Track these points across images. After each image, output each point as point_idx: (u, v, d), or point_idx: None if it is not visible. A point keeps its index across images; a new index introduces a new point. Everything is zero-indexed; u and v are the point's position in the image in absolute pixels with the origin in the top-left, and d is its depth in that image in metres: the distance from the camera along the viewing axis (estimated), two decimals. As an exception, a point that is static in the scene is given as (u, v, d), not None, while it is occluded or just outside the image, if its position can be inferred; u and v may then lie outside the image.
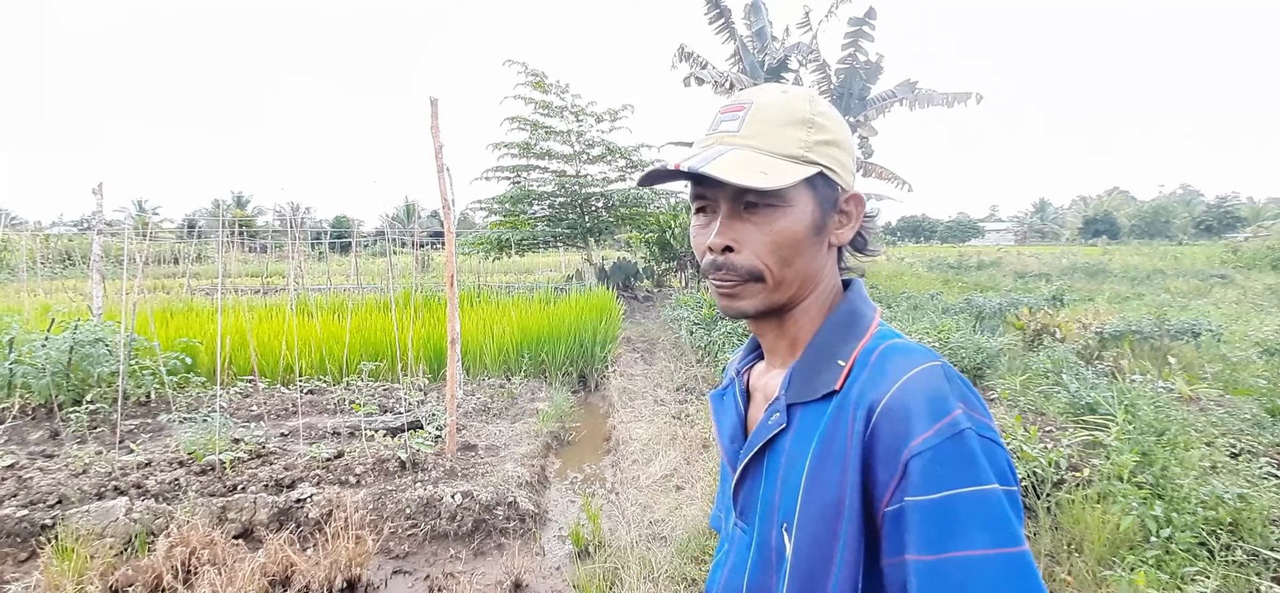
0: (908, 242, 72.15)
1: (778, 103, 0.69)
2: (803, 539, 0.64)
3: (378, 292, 11.36)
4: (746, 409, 0.79)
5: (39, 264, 14.24)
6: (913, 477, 0.57)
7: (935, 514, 0.55)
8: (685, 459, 4.29)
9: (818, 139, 0.68)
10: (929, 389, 0.60)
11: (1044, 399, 4.62)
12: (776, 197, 0.67)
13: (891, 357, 0.65)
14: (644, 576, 2.75)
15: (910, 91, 14.60)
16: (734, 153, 0.66)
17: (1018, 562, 0.54)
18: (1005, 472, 0.58)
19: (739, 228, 0.68)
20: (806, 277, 0.71)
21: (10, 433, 4.81)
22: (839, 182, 0.70)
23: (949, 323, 7.05)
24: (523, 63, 14.34)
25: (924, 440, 0.57)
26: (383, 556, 3.24)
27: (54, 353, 5.16)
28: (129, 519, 3.33)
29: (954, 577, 0.54)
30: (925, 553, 0.55)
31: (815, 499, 0.63)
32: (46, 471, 3.94)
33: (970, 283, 16.39)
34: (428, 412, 5.21)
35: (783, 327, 0.74)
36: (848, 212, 0.73)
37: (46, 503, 3.52)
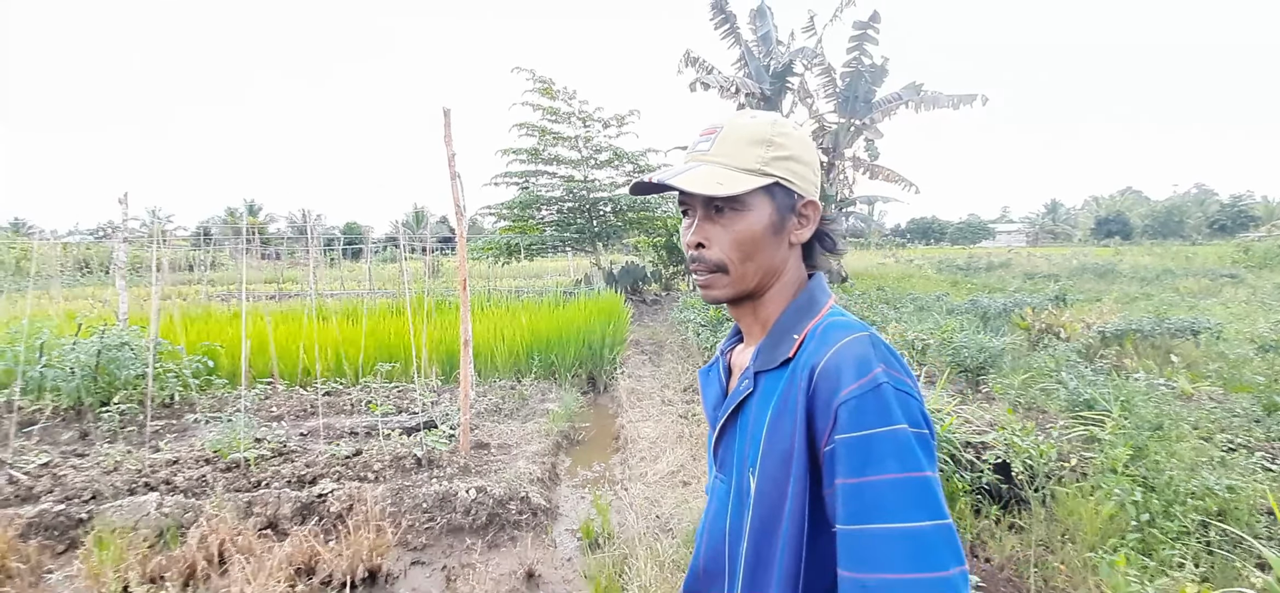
0: (917, 244, 71.82)
1: (743, 126, 0.84)
2: (764, 478, 0.79)
3: (390, 296, 11.56)
4: (728, 382, 0.94)
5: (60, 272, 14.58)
6: (841, 420, 0.71)
7: (857, 448, 0.69)
8: (691, 456, 4.41)
9: (775, 155, 0.82)
10: (856, 353, 0.74)
11: (1044, 396, 4.70)
12: (736, 202, 0.82)
13: (832, 330, 0.79)
14: (651, 563, 2.87)
15: (915, 94, 14.67)
16: (702, 168, 0.82)
17: (920, 483, 0.68)
18: (916, 417, 0.71)
19: (709, 228, 0.84)
20: (767, 270, 0.85)
21: (42, 433, 5.01)
22: (796, 190, 0.84)
23: (953, 323, 7.13)
24: (531, 70, 14.54)
25: (849, 392, 0.71)
26: (401, 547, 3.37)
27: (82, 357, 5.35)
28: (160, 514, 3.49)
29: (869, 494, 0.68)
30: (849, 477, 0.70)
31: (773, 446, 0.78)
32: (79, 468, 4.12)
33: (978, 284, 16.39)
34: (441, 412, 5.36)
35: (756, 312, 0.88)
36: (805, 215, 0.86)
37: (81, 498, 3.69)
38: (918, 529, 0.66)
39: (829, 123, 15.97)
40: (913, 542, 0.66)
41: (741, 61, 15.54)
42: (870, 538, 0.67)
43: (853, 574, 0.68)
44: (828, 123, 16.02)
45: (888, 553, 0.66)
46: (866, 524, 0.68)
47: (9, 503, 3.65)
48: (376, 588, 3.03)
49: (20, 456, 4.35)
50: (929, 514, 0.67)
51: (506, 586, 2.98)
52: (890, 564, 0.66)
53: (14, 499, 3.72)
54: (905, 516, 0.66)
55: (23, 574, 3.02)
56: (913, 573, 0.65)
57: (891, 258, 34.38)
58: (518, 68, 14.54)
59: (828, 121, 16.02)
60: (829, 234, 0.90)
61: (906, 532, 0.66)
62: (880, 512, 0.67)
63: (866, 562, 0.67)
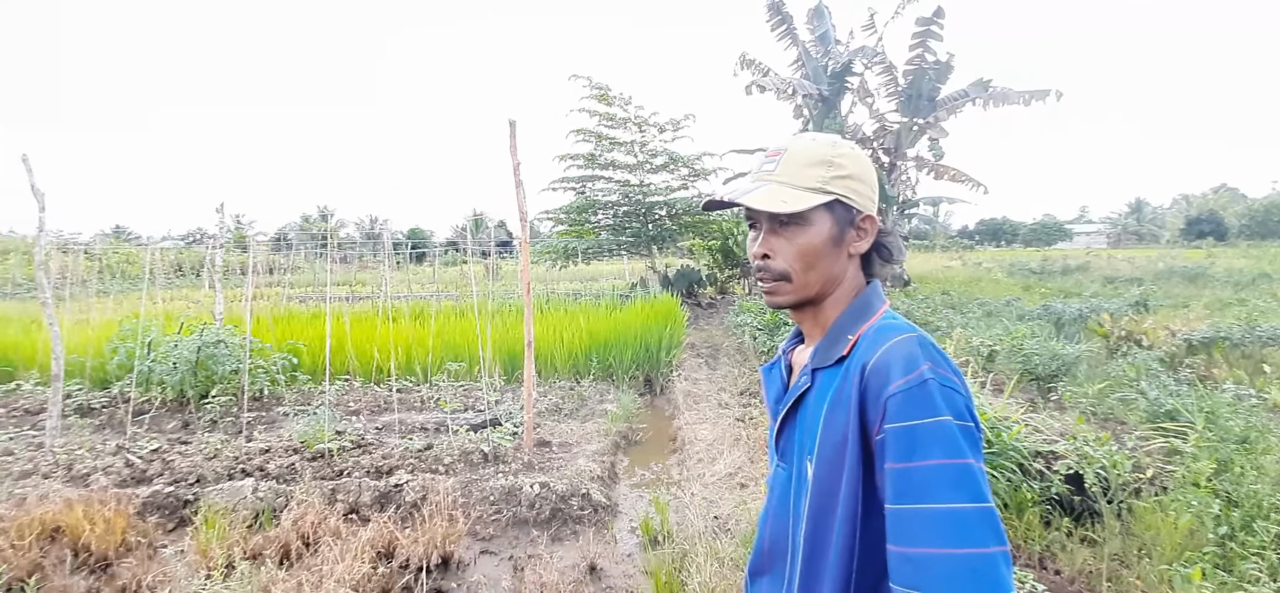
0: (986, 245, 68.69)
1: (805, 148, 0.93)
2: (820, 465, 0.87)
3: (453, 298, 12.02)
4: (788, 379, 1.03)
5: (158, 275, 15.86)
6: (889, 412, 0.79)
7: (904, 436, 0.77)
8: (749, 459, 4.44)
9: (835, 174, 0.91)
10: (905, 352, 0.81)
11: (1122, 406, 4.49)
12: (798, 217, 0.91)
13: (883, 332, 0.87)
14: (711, 561, 2.94)
15: (983, 91, 14.12)
16: (767, 187, 0.92)
17: (963, 469, 0.75)
18: (961, 411, 0.78)
19: (773, 241, 0.93)
20: (828, 278, 0.93)
21: (151, 422, 5.51)
22: (855, 206, 0.93)
23: (1024, 329, 6.86)
24: (587, 77, 14.81)
25: (897, 386, 0.79)
26: (471, 537, 3.56)
27: (184, 354, 5.86)
28: (255, 497, 3.80)
29: (916, 478, 0.75)
30: (897, 462, 0.77)
31: (829, 436, 0.86)
32: (185, 454, 4.52)
33: (1053, 288, 15.59)
34: (505, 410, 5.58)
35: (816, 316, 0.97)
36: (863, 228, 0.94)
37: (187, 481, 4.06)
38: (960, 510, 0.73)
39: (890, 123, 15.57)
40: (955, 521, 0.73)
41: (798, 63, 15.35)
42: (915, 517, 0.75)
43: (900, 548, 0.76)
44: (889, 122, 15.62)
45: (932, 530, 0.73)
46: (912, 504, 0.75)
47: (127, 484, 4.06)
48: (449, 574, 3.22)
49: (135, 441, 4.81)
50: (970, 498, 0.73)
51: (570, 577, 3.10)
52: (934, 540, 0.73)
53: (130, 480, 4.13)
54: (948, 497, 0.73)
55: (141, 548, 3.36)
56: (954, 548, 0.72)
57: (958, 260, 33.08)
58: (575, 75, 14.84)
59: (889, 121, 15.62)
60: (886, 245, 0.97)
61: (949, 512, 0.73)
62: (925, 494, 0.74)
63: (912, 537, 0.74)
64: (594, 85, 14.81)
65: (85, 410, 5.95)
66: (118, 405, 5.99)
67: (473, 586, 3.12)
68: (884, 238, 0.97)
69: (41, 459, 4.37)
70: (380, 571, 3.02)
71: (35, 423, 5.54)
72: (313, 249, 22.66)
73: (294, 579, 2.84)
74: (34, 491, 3.76)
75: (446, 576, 3.20)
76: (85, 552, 3.27)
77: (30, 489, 3.79)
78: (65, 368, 5.48)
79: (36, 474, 4.16)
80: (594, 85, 14.81)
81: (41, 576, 2.99)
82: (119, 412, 5.80)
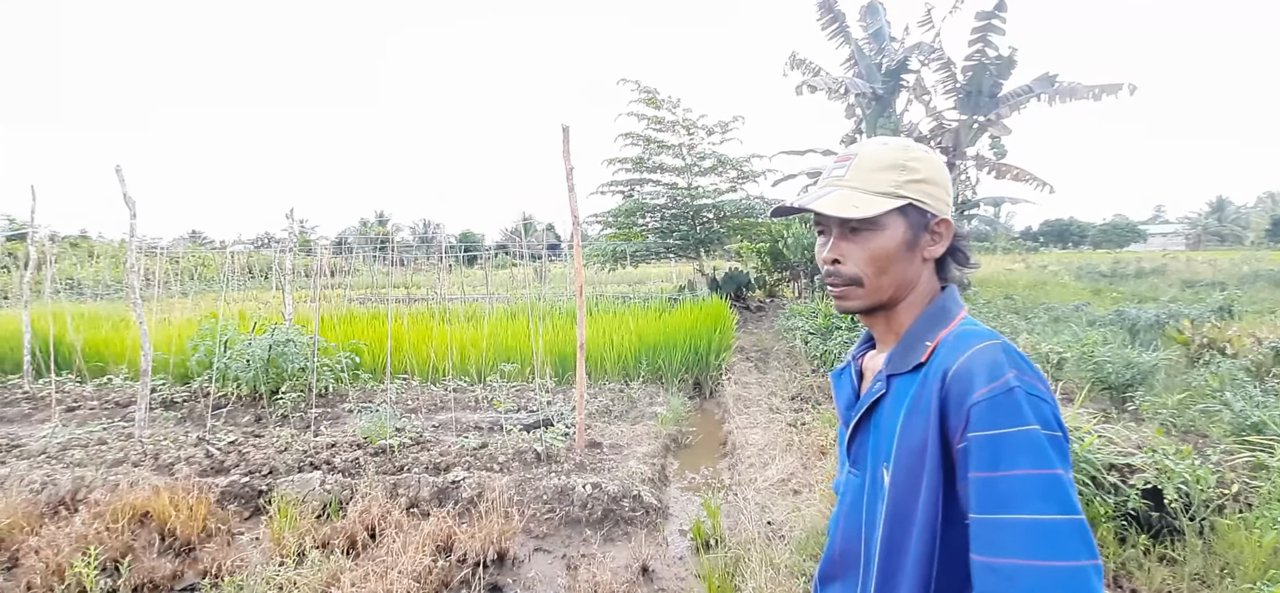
0: (1052, 247, 65.55)
1: (876, 153, 0.92)
2: (898, 472, 0.86)
3: (504, 301, 12.27)
4: (859, 385, 1.02)
5: (231, 277, 16.81)
6: (973, 420, 0.77)
7: (988, 446, 0.75)
8: (802, 465, 4.38)
9: (907, 178, 0.90)
10: (988, 359, 0.79)
11: (1204, 418, 4.22)
12: (870, 222, 0.89)
13: (964, 338, 0.85)
14: (765, 568, 2.91)
15: (1049, 86, 13.50)
16: (837, 192, 0.91)
17: (1052, 479, 0.72)
18: (1048, 420, 0.76)
19: (844, 246, 0.92)
20: (901, 283, 0.92)
21: (227, 416, 5.84)
22: (929, 210, 0.91)
23: (1094, 336, 6.52)
24: (636, 81, 14.89)
25: (981, 394, 0.77)
26: (525, 534, 3.64)
27: (257, 352, 6.19)
28: (323, 489, 3.99)
29: (1002, 487, 0.73)
30: (981, 471, 0.75)
31: (906, 442, 0.85)
32: (258, 447, 4.78)
33: (1126, 293, 14.76)
34: (556, 411, 5.67)
35: (888, 321, 0.95)
36: (938, 233, 0.93)
37: (261, 473, 4.29)
38: (1050, 521, 0.71)
39: (949, 121, 15.05)
40: (1043, 532, 0.70)
41: (851, 61, 15.03)
42: (1001, 527, 0.73)
43: (984, 558, 0.74)
44: (947, 121, 15.10)
45: (1020, 541, 0.71)
46: (998, 514, 0.73)
47: (207, 473, 4.32)
48: (505, 570, 3.30)
49: (213, 433, 5.11)
50: (1060, 509, 0.71)
51: (623, 578, 3.13)
52: (1022, 551, 0.71)
53: (210, 470, 4.39)
54: (1036, 508, 0.71)
55: (221, 534, 3.58)
56: (1044, 560, 0.70)
57: (1021, 263, 31.71)
58: (624, 79, 14.95)
59: (947, 119, 15.10)
60: (962, 249, 0.95)
61: (1038, 523, 0.71)
62: (1011, 504, 0.72)
63: (999, 548, 0.73)
64: (643, 89, 14.88)
65: (169, 404, 6.36)
66: (197, 400, 6.38)
67: (528, 582, 3.19)
68: (960, 241, 0.95)
69: (131, 449, 4.69)
70: (440, 564, 3.12)
71: (125, 415, 5.95)
72: (370, 252, 23.53)
73: (361, 569, 2.96)
74: (125, 478, 4.05)
75: (502, 571, 3.27)
76: (170, 536, 3.50)
77: (122, 476, 4.09)
78: (151, 364, 5.87)
79: (127, 462, 4.47)
80: (643, 89, 14.88)
81: (133, 556, 3.21)
82: (199, 405, 6.18)
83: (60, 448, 4.75)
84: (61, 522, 3.57)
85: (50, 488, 4.03)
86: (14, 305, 12.15)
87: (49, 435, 5.04)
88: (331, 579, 2.89)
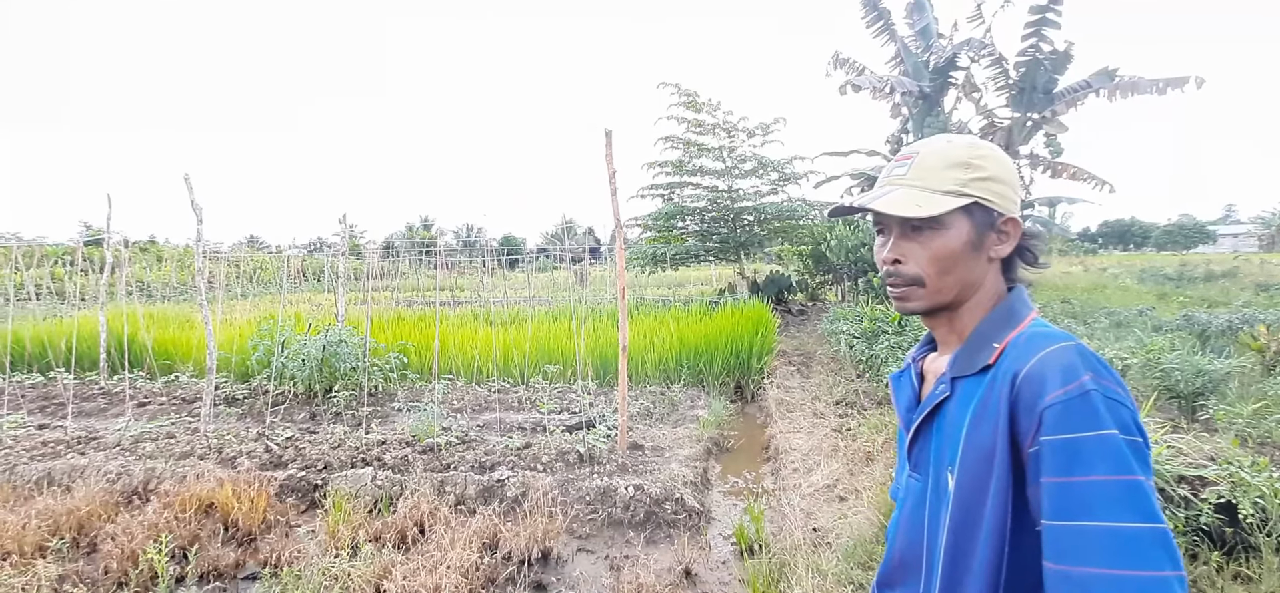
0: (1112, 249, 62.57)
1: (940, 150, 0.89)
2: (964, 477, 0.83)
3: (546, 304, 12.43)
4: (920, 388, 0.99)
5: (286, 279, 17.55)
6: (1046, 423, 0.74)
7: (1063, 450, 0.72)
8: (848, 471, 4.29)
9: (973, 176, 0.87)
10: (1062, 360, 0.76)
11: (1286, 431, 3.96)
12: (933, 222, 0.87)
13: (1036, 340, 0.82)
14: (811, 574, 2.87)
15: (1108, 81, 12.90)
16: (899, 191, 0.89)
17: (1132, 485, 0.69)
18: (1128, 424, 0.72)
19: (905, 246, 0.90)
20: (965, 284, 0.89)
21: (284, 413, 6.08)
22: (995, 209, 0.88)
23: (1161, 342, 6.20)
24: (676, 84, 14.88)
25: (1055, 397, 0.74)
26: (568, 534, 3.67)
27: (311, 352, 6.43)
28: (374, 485, 4.11)
29: (1077, 493, 0.70)
30: (1055, 476, 0.72)
31: (973, 447, 0.82)
32: (314, 443, 4.96)
33: (1194, 297, 13.97)
34: (598, 413, 5.71)
35: (952, 322, 0.93)
36: (1005, 232, 0.90)
37: (317, 468, 4.45)
38: (1129, 529, 0.67)
39: (1000, 118, 14.54)
40: (1123, 540, 0.67)
41: (896, 59, 14.69)
42: (1077, 534, 0.70)
43: (1058, 566, 0.71)
44: (999, 118, 14.59)
45: (1098, 549, 0.68)
46: (1074, 521, 0.70)
47: (266, 467, 4.51)
48: (549, 568, 3.33)
49: (272, 429, 5.33)
50: (1141, 517, 0.68)
51: (666, 580, 3.12)
52: (1100, 560, 0.68)
53: (269, 464, 4.58)
54: (1115, 516, 0.68)
55: (280, 525, 3.72)
56: (1124, 569, 0.66)
57: (1079, 265, 30.36)
58: (664, 83, 14.96)
59: (999, 117, 14.59)
60: (1030, 248, 0.92)
61: (1117, 531, 0.68)
62: (1088, 511, 0.69)
63: (1073, 555, 0.70)
64: (683, 92, 14.87)
65: (231, 400, 6.66)
66: (257, 397, 6.67)
67: (572, 581, 3.22)
68: (1028, 241, 0.92)
69: (197, 443, 4.93)
70: (486, 560, 3.18)
71: (191, 410, 6.26)
72: (415, 256, 24.15)
73: (411, 563, 3.04)
74: (192, 470, 4.26)
75: (546, 570, 3.31)
76: (233, 526, 3.66)
77: (189, 469, 4.30)
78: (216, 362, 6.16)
79: (193, 456, 4.70)
80: (683, 92, 14.87)
81: (199, 545, 3.38)
82: (258, 402, 6.45)
83: (133, 441, 5.03)
84: (134, 511, 3.78)
85: (124, 479, 4.27)
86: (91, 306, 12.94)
87: (123, 429, 5.34)
88: (383, 572, 2.98)
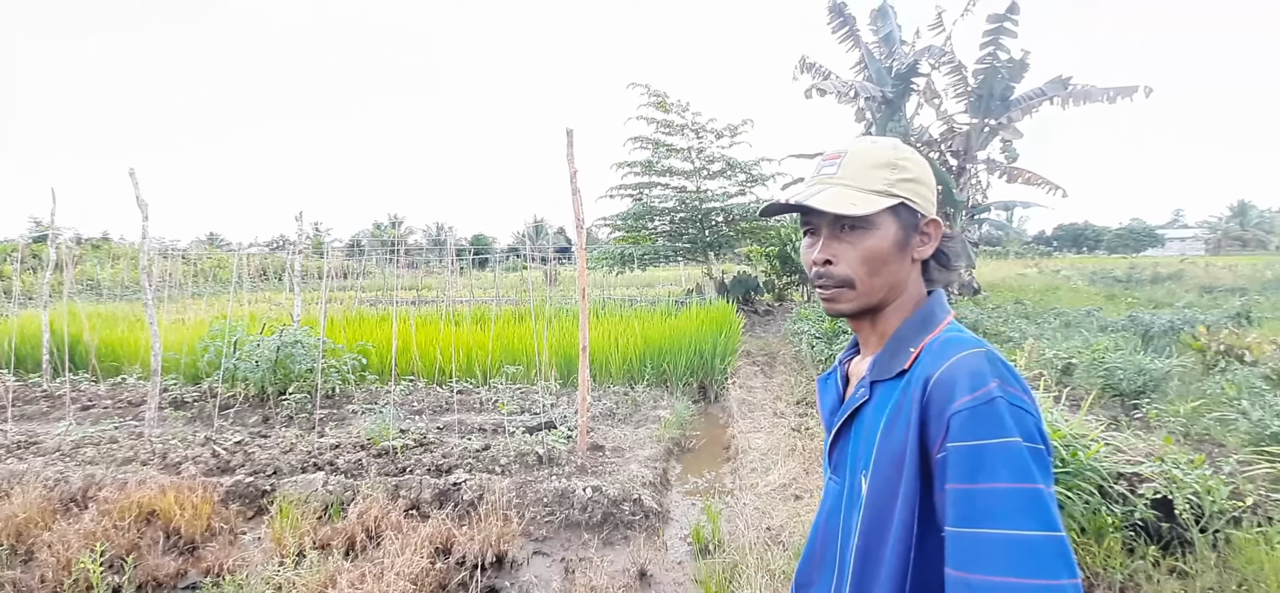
0: (1066, 252, 64.75)
1: (868, 151, 0.90)
2: (876, 480, 0.83)
3: (513, 304, 12.31)
4: (844, 391, 1.00)
5: (245, 279, 17.02)
6: (953, 430, 0.74)
7: (968, 456, 0.73)
8: (804, 470, 4.34)
9: (899, 177, 0.88)
10: (971, 367, 0.77)
11: (1220, 427, 4.13)
12: (864, 221, 0.87)
13: (948, 345, 0.82)
14: (762, 573, 2.88)
15: (1062, 88, 13.35)
16: (831, 189, 0.88)
17: (1032, 493, 0.69)
18: (1031, 432, 0.73)
19: (836, 246, 0.89)
20: (891, 285, 0.90)
21: (235, 416, 5.90)
22: (919, 210, 0.89)
23: (1105, 342, 6.42)
24: (646, 85, 14.91)
25: (962, 403, 0.75)
26: (525, 537, 3.63)
27: (265, 353, 6.24)
28: (325, 490, 4.00)
29: (980, 500, 0.71)
30: (959, 483, 0.73)
31: (886, 450, 0.83)
32: (264, 447, 4.81)
33: (1141, 298, 14.53)
34: (560, 414, 5.67)
35: (874, 324, 0.93)
36: (927, 233, 0.91)
37: (266, 473, 4.32)
38: (1028, 537, 0.68)
39: (959, 124, 14.93)
40: (1022, 548, 0.68)
41: (860, 65, 14.96)
42: (978, 541, 0.70)
43: (959, 573, 0.71)
44: (958, 124, 14.98)
45: (997, 557, 0.68)
46: (975, 528, 0.71)
47: (213, 473, 4.36)
48: (503, 572, 3.29)
49: (221, 433, 5.16)
50: (1040, 525, 0.69)
51: (620, 582, 3.11)
52: (999, 568, 0.68)
53: (216, 470, 4.43)
54: (1015, 523, 0.69)
55: (224, 533, 3.60)
56: (1022, 578, 0.67)
57: (1033, 267, 31.33)
58: (634, 83, 14.97)
59: (958, 123, 14.98)
60: (946, 251, 0.93)
61: (1016, 539, 0.68)
62: (989, 518, 0.70)
63: (974, 563, 0.70)
64: (652, 93, 14.90)
65: (179, 403, 6.43)
66: (207, 400, 6.45)
67: (525, 585, 3.18)
68: (946, 244, 0.93)
69: (140, 448, 4.74)
70: (438, 566, 3.12)
71: (136, 414, 6.03)
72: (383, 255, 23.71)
73: (358, 570, 2.97)
74: (133, 476, 4.09)
75: (500, 574, 3.27)
76: (175, 535, 3.53)
77: (130, 475, 4.13)
78: (162, 364, 5.94)
79: (136, 461, 4.52)
80: (652, 93, 14.90)
81: (138, 554, 3.24)
82: (208, 406, 6.24)
83: (73, 446, 4.82)
84: (72, 518, 3.62)
85: (62, 485, 4.08)
86: (36, 306, 12.38)
87: (63, 433, 5.11)
88: (329, 580, 2.90)
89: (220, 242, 59.16)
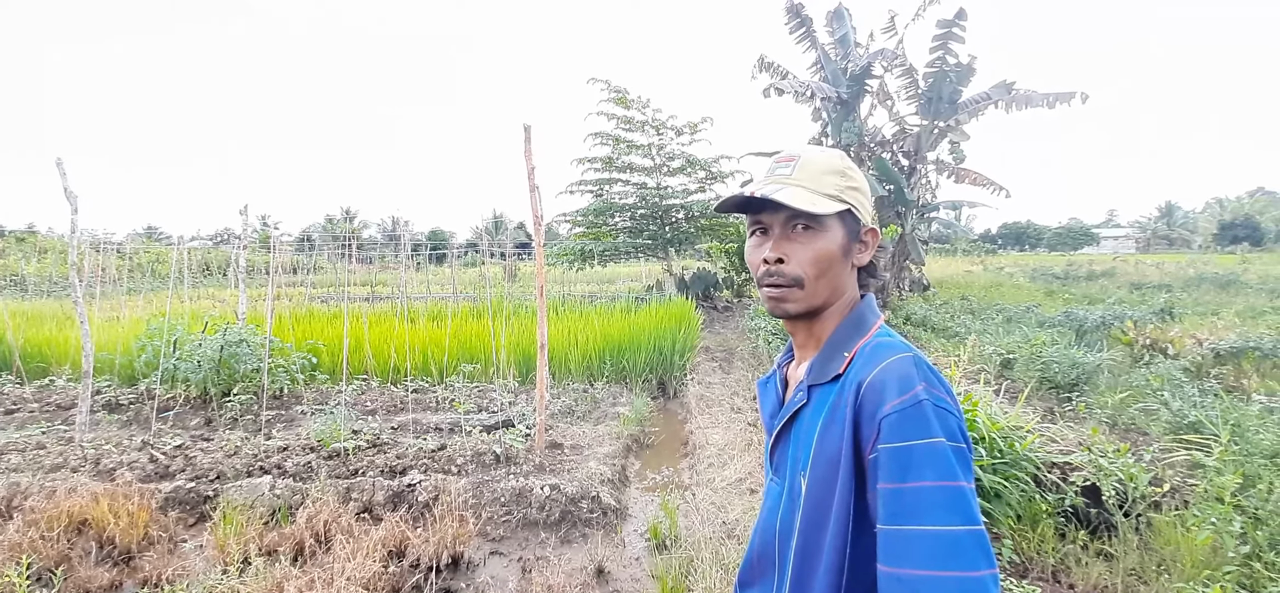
0: (1010, 250, 67.59)
1: (819, 157, 0.94)
2: (813, 480, 0.87)
3: (471, 300, 12.14)
4: (784, 394, 1.04)
5: (186, 274, 16.27)
6: (883, 432, 0.79)
7: (897, 457, 0.77)
8: (759, 465, 4.42)
9: (847, 184, 0.93)
10: (900, 371, 0.82)
11: (1144, 417, 4.40)
12: (817, 222, 0.91)
13: (879, 350, 0.87)
14: (716, 567, 2.94)
15: (1006, 93, 13.91)
16: (790, 188, 0.91)
17: (955, 491, 0.75)
18: (954, 432, 0.78)
19: (788, 245, 0.93)
20: (834, 288, 0.94)
21: (175, 419, 5.65)
22: (861, 217, 0.94)
23: (1043, 337, 6.74)
24: (606, 80, 14.85)
25: (892, 407, 0.79)
26: (481, 537, 3.60)
27: (208, 352, 6.00)
28: (273, 494, 3.88)
29: (908, 498, 0.76)
30: (889, 482, 0.77)
31: (822, 452, 0.86)
32: (206, 451, 4.63)
33: (1077, 295, 15.30)
34: (518, 412, 5.63)
35: (811, 328, 0.97)
36: (866, 241, 0.96)
37: (208, 478, 4.15)
38: (951, 532, 0.73)
39: (910, 125, 15.41)
40: (945, 543, 0.73)
41: (817, 66, 15.27)
42: (906, 537, 0.75)
43: (889, 569, 0.76)
44: (909, 125, 15.45)
45: (923, 551, 0.73)
46: (903, 525, 0.75)
47: (150, 479, 4.17)
48: (459, 574, 3.26)
49: (159, 437, 4.94)
50: (962, 519, 0.73)
51: (578, 580, 3.12)
52: (925, 561, 0.73)
53: (154, 475, 4.24)
54: (939, 519, 0.73)
55: (163, 542, 3.45)
56: (944, 570, 0.72)
57: (979, 265, 32.59)
58: (594, 79, 14.89)
59: (909, 124, 15.46)
60: (875, 262, 0.99)
61: (941, 534, 0.73)
62: (916, 515, 0.74)
63: (903, 558, 0.75)
64: (613, 88, 14.85)
65: (113, 406, 6.12)
66: (144, 402, 6.16)
67: (481, 586, 3.15)
68: (878, 253, 0.98)
69: (71, 453, 4.50)
70: (391, 569, 3.07)
71: (66, 418, 5.71)
72: (335, 250, 23.01)
73: (307, 576, 2.89)
74: (63, 484, 3.88)
75: (456, 576, 3.23)
76: (110, 544, 3.36)
77: (60, 483, 3.91)
78: (95, 365, 5.64)
79: (66, 468, 4.29)
80: (613, 88, 14.85)
81: (68, 566, 3.08)
82: (145, 408, 5.96)
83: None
84: (-8, 531, 3.41)
85: (-20, 496, 3.84)
86: (-51, 303, 11.54)
87: (-18, 440, 4.80)
88: (276, 587, 2.81)
89: (159, 235, 56.35)
